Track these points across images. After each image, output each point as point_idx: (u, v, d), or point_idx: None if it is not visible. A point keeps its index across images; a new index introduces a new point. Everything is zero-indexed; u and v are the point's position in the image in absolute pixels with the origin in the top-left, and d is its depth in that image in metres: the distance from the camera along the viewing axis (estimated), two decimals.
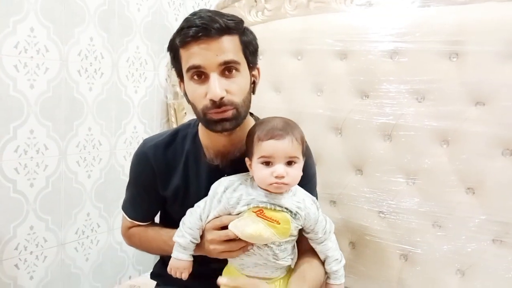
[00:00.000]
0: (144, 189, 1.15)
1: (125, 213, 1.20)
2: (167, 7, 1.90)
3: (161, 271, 1.22)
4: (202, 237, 1.02)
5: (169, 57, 1.05)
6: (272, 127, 0.96)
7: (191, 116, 1.84)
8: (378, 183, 1.38)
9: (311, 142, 1.17)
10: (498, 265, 1.21)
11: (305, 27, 1.52)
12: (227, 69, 0.95)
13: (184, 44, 0.95)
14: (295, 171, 0.96)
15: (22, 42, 1.38)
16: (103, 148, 1.69)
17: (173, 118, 1.92)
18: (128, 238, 1.22)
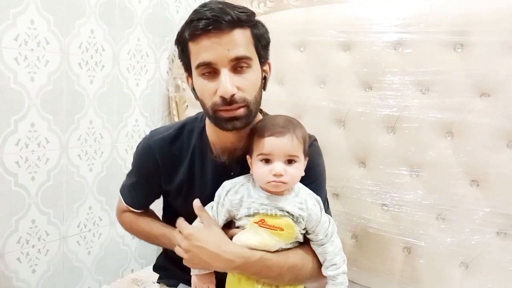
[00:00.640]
0: (145, 180, 1.13)
1: (121, 196, 1.20)
2: None
3: (163, 264, 1.22)
4: None
5: (170, 49, 1.02)
6: (273, 124, 0.94)
7: (192, 109, 1.84)
8: (382, 175, 1.37)
9: (314, 134, 1.15)
10: (502, 257, 1.20)
11: (308, 18, 1.51)
12: (238, 64, 0.91)
13: (193, 37, 0.91)
14: (294, 170, 0.94)
15: (22, 34, 1.37)
16: (104, 141, 1.68)
17: (174, 111, 1.92)
18: (120, 221, 1.23)
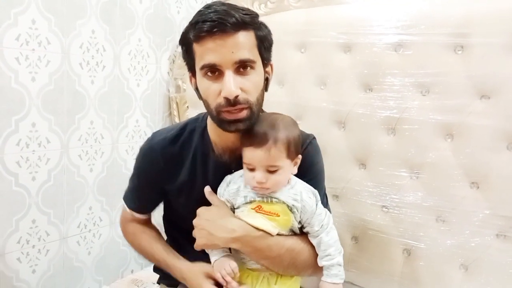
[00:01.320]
0: (148, 183, 1.14)
1: (125, 203, 1.20)
2: (169, 0, 1.89)
3: None
4: None
5: (171, 50, 1.04)
6: (253, 134, 0.95)
7: (193, 110, 1.84)
8: (382, 177, 1.37)
9: (315, 135, 1.15)
10: (502, 259, 1.20)
11: (308, 19, 1.51)
12: (242, 66, 0.93)
13: (198, 38, 0.92)
14: (277, 177, 0.96)
15: (24, 34, 1.37)
16: (105, 141, 1.68)
17: (175, 112, 1.92)
18: (124, 232, 1.24)
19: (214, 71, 0.93)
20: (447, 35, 1.25)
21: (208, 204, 1.04)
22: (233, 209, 1.03)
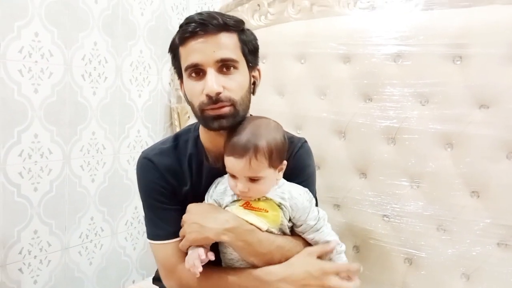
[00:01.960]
0: (161, 196, 1.05)
1: (156, 240, 1.05)
2: (171, 12, 1.91)
3: None
4: None
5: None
6: (234, 142, 0.94)
7: (194, 120, 1.84)
8: (382, 186, 1.37)
9: (315, 146, 1.17)
10: (503, 268, 1.20)
11: (308, 31, 1.52)
12: (225, 66, 0.95)
13: (182, 40, 0.96)
14: (259, 186, 0.95)
15: (27, 46, 1.38)
16: (106, 152, 1.69)
17: (176, 122, 1.93)
18: (177, 283, 1.04)
19: (198, 71, 0.95)
20: (446, 45, 1.26)
21: None
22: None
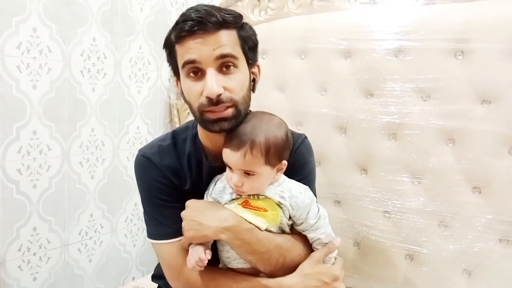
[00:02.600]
0: (163, 194, 1.03)
1: (158, 239, 1.03)
2: (170, 7, 1.90)
3: (162, 273, 1.21)
4: None
5: None
6: (232, 135, 0.93)
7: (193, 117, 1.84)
8: (383, 182, 1.37)
9: (315, 142, 1.16)
10: (505, 264, 1.20)
11: (308, 26, 1.51)
12: (224, 65, 0.91)
13: (179, 39, 0.92)
14: (253, 182, 0.94)
15: (25, 42, 1.37)
16: (106, 148, 1.68)
17: (176, 118, 1.92)
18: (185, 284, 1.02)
19: (197, 71, 0.92)
20: (447, 40, 1.26)
21: None
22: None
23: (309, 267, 0.98)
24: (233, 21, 0.93)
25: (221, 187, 1.00)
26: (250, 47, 0.97)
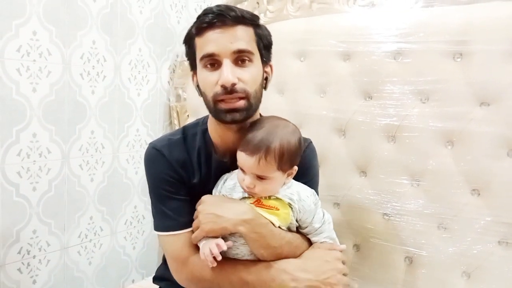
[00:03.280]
0: (171, 186, 1.05)
1: (166, 230, 1.04)
2: (169, 10, 1.90)
3: (164, 275, 1.21)
4: None
5: (171, 59, 1.05)
6: (249, 139, 0.95)
7: (193, 119, 1.83)
8: (383, 184, 1.37)
9: (315, 143, 1.17)
10: (504, 266, 1.20)
11: (308, 28, 1.51)
12: (240, 58, 0.96)
13: (199, 31, 0.97)
14: (265, 185, 0.96)
15: (25, 45, 1.38)
16: (106, 151, 1.68)
17: (175, 121, 1.92)
18: (189, 276, 1.03)
19: (213, 63, 0.96)
20: (446, 42, 1.26)
21: None
22: None
23: (309, 251, 1.02)
24: (251, 19, 0.99)
25: (231, 185, 1.02)
26: (265, 45, 1.02)
